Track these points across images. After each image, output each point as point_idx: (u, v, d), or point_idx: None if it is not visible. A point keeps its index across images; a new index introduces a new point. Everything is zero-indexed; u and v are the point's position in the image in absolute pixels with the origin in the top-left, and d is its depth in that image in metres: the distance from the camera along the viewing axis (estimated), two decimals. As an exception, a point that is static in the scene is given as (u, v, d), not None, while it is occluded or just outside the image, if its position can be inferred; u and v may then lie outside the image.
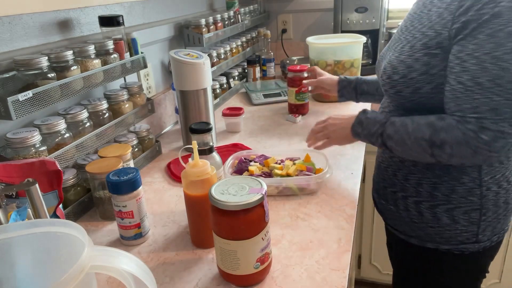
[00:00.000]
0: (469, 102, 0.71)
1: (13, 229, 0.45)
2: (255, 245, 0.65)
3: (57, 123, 0.86)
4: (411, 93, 0.81)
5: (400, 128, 0.81)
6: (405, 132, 0.79)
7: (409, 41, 0.82)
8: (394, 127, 0.82)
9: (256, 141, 1.29)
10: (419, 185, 0.86)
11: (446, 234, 0.86)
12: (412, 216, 0.89)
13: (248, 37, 1.99)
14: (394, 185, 0.91)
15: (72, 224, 0.43)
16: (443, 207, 0.84)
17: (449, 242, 0.87)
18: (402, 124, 0.81)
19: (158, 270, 0.73)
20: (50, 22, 0.95)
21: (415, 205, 0.87)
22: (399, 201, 0.90)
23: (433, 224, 0.86)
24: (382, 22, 1.92)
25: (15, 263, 0.46)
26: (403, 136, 0.80)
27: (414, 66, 0.79)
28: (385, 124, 0.84)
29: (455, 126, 0.73)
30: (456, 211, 0.84)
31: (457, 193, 0.83)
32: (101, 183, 0.87)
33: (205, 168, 0.73)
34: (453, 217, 0.84)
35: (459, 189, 0.83)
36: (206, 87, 1.19)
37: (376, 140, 0.86)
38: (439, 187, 0.84)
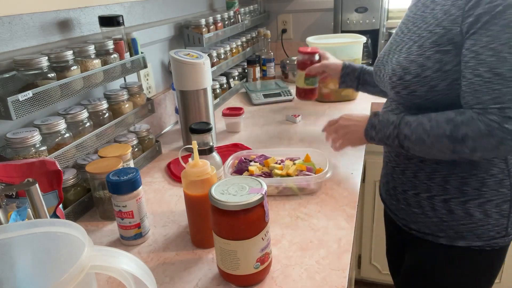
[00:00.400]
0: (489, 94, 0.71)
1: (13, 229, 0.45)
2: (255, 245, 0.65)
3: (57, 123, 0.86)
4: (426, 91, 0.80)
5: (417, 127, 0.79)
6: (423, 131, 0.78)
7: (415, 41, 0.81)
8: (410, 127, 0.80)
9: (256, 141, 1.29)
10: (446, 183, 0.84)
11: (479, 230, 0.84)
12: (441, 215, 0.86)
13: (248, 37, 1.99)
14: (415, 187, 0.89)
15: (72, 224, 0.43)
16: (475, 202, 0.83)
17: (481, 238, 0.85)
18: (418, 123, 0.79)
19: (158, 270, 0.73)
20: (50, 22, 0.95)
21: (444, 204, 0.85)
22: (424, 202, 0.88)
23: (465, 221, 0.84)
24: (382, 22, 1.93)
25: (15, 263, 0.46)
26: (421, 135, 0.78)
27: (427, 64, 0.78)
28: (400, 125, 0.82)
29: (476, 119, 0.72)
30: (489, 204, 0.82)
31: (488, 186, 0.82)
32: (101, 183, 0.87)
33: (205, 168, 0.73)
34: (485, 211, 0.82)
35: (489, 181, 0.81)
36: (206, 87, 1.19)
37: (393, 142, 0.84)
38: (468, 181, 0.82)
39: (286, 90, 1.73)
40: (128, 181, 0.76)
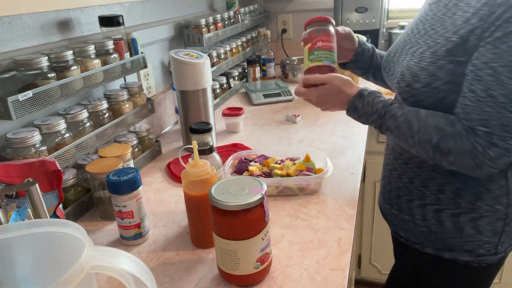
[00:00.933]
0: (479, 113, 0.68)
1: (13, 229, 0.45)
2: (255, 245, 0.65)
3: (57, 123, 0.86)
4: (434, 102, 0.75)
5: (403, 124, 0.75)
6: (408, 130, 0.74)
7: (430, 46, 0.75)
8: (395, 121, 0.76)
9: (256, 141, 1.29)
10: (440, 192, 0.80)
11: (468, 245, 0.80)
12: (431, 225, 0.83)
13: (248, 37, 1.99)
14: (410, 193, 0.85)
15: (72, 224, 0.43)
16: (467, 216, 0.79)
17: (469, 254, 0.81)
18: (405, 120, 0.75)
19: (158, 270, 0.73)
20: (50, 22, 0.95)
21: (435, 214, 0.82)
22: (415, 210, 0.85)
23: (455, 234, 0.80)
24: (382, 22, 1.93)
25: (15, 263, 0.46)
26: (405, 133, 0.75)
27: (438, 74, 0.72)
28: (385, 116, 0.78)
29: (465, 136, 0.69)
30: (481, 220, 0.78)
31: (483, 201, 0.77)
32: (101, 183, 0.87)
33: (205, 168, 0.73)
34: (477, 227, 0.79)
35: (485, 196, 0.77)
36: (206, 87, 1.19)
37: (371, 123, 0.81)
38: (463, 193, 0.78)
39: (286, 90, 1.73)
40: (128, 181, 0.76)
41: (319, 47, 0.88)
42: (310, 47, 0.89)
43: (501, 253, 0.82)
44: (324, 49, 0.88)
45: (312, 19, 0.91)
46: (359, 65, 1.01)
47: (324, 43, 0.88)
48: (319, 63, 0.88)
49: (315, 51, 0.88)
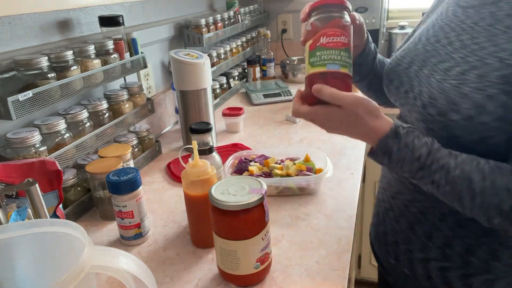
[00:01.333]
0: None
1: (13, 229, 0.45)
2: (255, 245, 0.65)
3: (57, 123, 0.86)
4: (474, 142, 0.57)
5: (460, 181, 0.55)
6: (468, 189, 0.55)
7: (474, 66, 0.56)
8: (448, 175, 0.55)
9: (256, 141, 1.29)
10: (447, 246, 0.65)
11: None
12: (436, 284, 0.68)
13: (248, 37, 1.99)
14: (410, 241, 0.69)
15: (72, 224, 0.43)
16: (481, 278, 0.64)
17: None
18: (463, 175, 0.55)
19: (158, 270, 0.73)
20: (50, 22, 0.95)
21: (441, 272, 0.67)
22: (417, 265, 0.69)
23: None
24: (382, 22, 1.93)
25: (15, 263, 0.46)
26: (462, 193, 0.55)
27: (487, 106, 0.54)
28: (431, 167, 0.56)
29: None
30: (498, 283, 0.63)
31: (500, 260, 0.62)
32: (101, 183, 0.87)
33: (205, 168, 0.73)
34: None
35: (503, 254, 0.62)
36: (206, 87, 1.19)
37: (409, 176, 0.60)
38: (476, 250, 0.63)
39: (286, 90, 1.73)
40: (128, 181, 0.76)
41: (323, 44, 0.61)
42: (311, 45, 0.62)
43: None
44: (330, 47, 0.61)
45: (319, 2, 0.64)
46: (362, 69, 0.79)
47: (331, 38, 0.61)
48: (321, 69, 0.62)
49: (318, 50, 0.62)
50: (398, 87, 0.68)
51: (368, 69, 0.80)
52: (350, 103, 0.58)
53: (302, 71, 1.94)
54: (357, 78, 0.82)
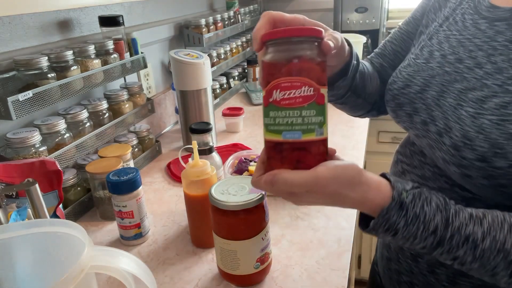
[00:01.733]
0: None
1: (13, 229, 0.45)
2: (255, 245, 0.65)
3: (57, 123, 0.86)
4: None
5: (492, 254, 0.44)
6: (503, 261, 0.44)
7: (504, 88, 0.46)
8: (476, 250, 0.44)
9: (256, 141, 1.29)
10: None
11: None
12: None
13: (248, 37, 1.99)
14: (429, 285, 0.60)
15: (72, 224, 0.43)
16: None
17: None
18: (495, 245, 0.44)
19: (158, 270, 0.73)
20: (50, 22, 0.95)
21: None
22: None
23: None
24: (382, 22, 1.93)
25: (15, 263, 0.46)
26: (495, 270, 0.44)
27: None
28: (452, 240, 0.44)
29: None
30: None
31: None
32: (101, 183, 0.87)
33: (205, 168, 0.73)
34: None
35: None
36: (206, 87, 1.19)
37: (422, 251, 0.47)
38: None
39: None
40: (128, 181, 0.76)
41: (277, 102, 0.44)
42: (264, 98, 0.45)
43: None
44: (285, 106, 0.43)
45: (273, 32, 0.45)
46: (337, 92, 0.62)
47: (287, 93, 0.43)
48: (276, 138, 0.45)
49: (271, 109, 0.44)
50: (411, 115, 0.57)
51: (345, 91, 0.62)
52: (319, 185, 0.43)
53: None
54: (333, 98, 0.65)
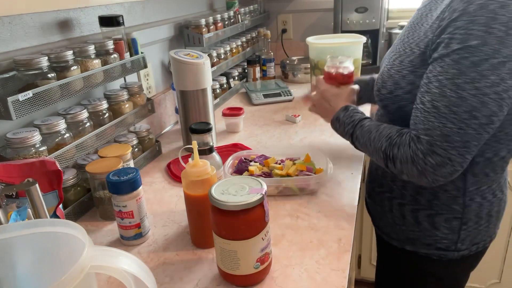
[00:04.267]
0: (424, 123, 0.70)
1: (13, 229, 0.45)
2: (255, 245, 0.65)
3: (57, 123, 0.86)
4: (396, 109, 0.81)
5: (366, 133, 0.83)
6: (367, 139, 0.82)
7: (400, 54, 0.80)
8: (362, 131, 0.85)
9: (256, 141, 1.29)
10: (403, 188, 0.86)
11: (426, 239, 0.86)
12: (395, 218, 0.89)
13: (248, 37, 1.99)
14: (382, 185, 0.91)
15: (72, 224, 0.43)
16: (425, 212, 0.84)
17: (428, 248, 0.86)
18: (368, 130, 0.83)
19: (158, 270, 0.73)
20: (50, 22, 0.95)
21: (399, 207, 0.88)
22: (385, 202, 0.91)
23: (414, 228, 0.86)
24: (382, 22, 1.92)
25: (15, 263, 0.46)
26: (366, 142, 0.83)
27: (400, 83, 0.78)
28: (356, 126, 0.86)
29: (408, 144, 0.73)
30: (437, 217, 0.83)
31: (439, 200, 0.82)
32: (101, 183, 0.87)
33: (205, 168, 0.73)
34: (433, 223, 0.84)
35: (442, 196, 0.82)
36: (206, 87, 1.19)
37: (349, 139, 0.90)
38: (422, 192, 0.83)
39: (286, 90, 1.73)
40: (128, 181, 0.76)
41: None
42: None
43: (463, 250, 0.85)
44: None
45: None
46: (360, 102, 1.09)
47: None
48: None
49: None
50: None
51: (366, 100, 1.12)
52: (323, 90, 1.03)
53: (302, 71, 1.95)
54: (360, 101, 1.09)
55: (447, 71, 0.68)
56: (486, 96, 0.65)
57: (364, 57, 1.92)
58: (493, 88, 0.65)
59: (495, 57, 0.64)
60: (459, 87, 0.66)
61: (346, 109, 0.92)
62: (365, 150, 0.85)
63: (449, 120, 0.68)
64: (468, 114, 0.66)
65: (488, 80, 0.65)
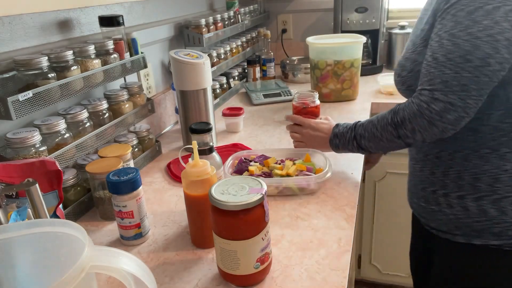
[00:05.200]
0: (426, 76, 0.76)
1: (13, 229, 0.45)
2: (255, 245, 0.65)
3: (57, 123, 0.86)
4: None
5: (368, 125, 0.89)
6: (372, 126, 0.88)
7: (411, 40, 0.87)
8: (363, 126, 0.90)
9: (256, 141, 1.29)
10: (460, 179, 0.83)
11: (495, 228, 0.81)
12: (457, 212, 0.84)
13: (248, 37, 1.99)
14: (433, 183, 0.88)
15: (72, 224, 0.43)
16: (489, 198, 0.80)
17: (498, 237, 0.81)
18: (368, 121, 0.90)
19: (158, 270, 0.73)
20: (50, 22, 0.95)
21: (459, 200, 0.84)
22: (440, 199, 0.87)
23: (480, 218, 0.82)
24: (382, 22, 1.93)
25: (15, 263, 0.46)
26: (372, 130, 0.87)
27: (418, 59, 0.82)
28: (355, 128, 0.92)
29: (411, 101, 0.79)
30: (504, 201, 0.80)
31: (501, 182, 0.79)
32: (101, 183, 0.87)
33: (205, 168, 0.73)
34: (500, 208, 0.80)
35: (503, 177, 0.79)
36: (206, 87, 1.19)
37: (352, 145, 0.93)
38: (481, 177, 0.81)
39: (286, 90, 1.73)
40: (128, 181, 0.76)
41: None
42: None
43: None
44: None
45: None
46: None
47: None
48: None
49: None
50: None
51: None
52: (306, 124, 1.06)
53: (302, 71, 1.95)
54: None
55: (446, 25, 0.74)
56: (479, 39, 0.70)
57: (364, 57, 1.92)
58: (485, 31, 0.70)
59: (489, 3, 0.69)
60: (454, 35, 0.72)
61: (337, 125, 0.99)
62: (373, 140, 0.88)
63: (446, 67, 0.73)
64: (462, 58, 0.71)
65: (481, 25, 0.70)
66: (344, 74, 1.59)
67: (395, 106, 0.84)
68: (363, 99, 1.64)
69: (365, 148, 0.91)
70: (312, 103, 1.15)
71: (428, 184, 0.90)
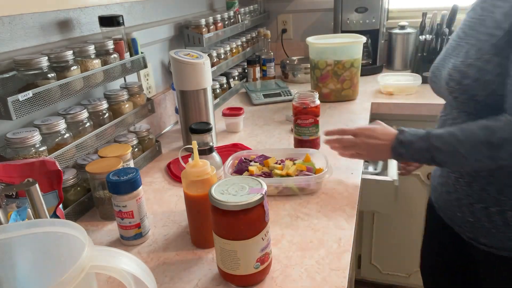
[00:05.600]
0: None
1: (13, 229, 0.45)
2: (255, 245, 0.65)
3: (57, 123, 0.86)
4: (487, 95, 0.77)
5: (450, 138, 0.78)
6: (456, 141, 0.77)
7: (473, 44, 0.79)
8: (442, 139, 0.79)
9: (256, 141, 1.29)
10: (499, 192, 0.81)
11: None
12: (498, 227, 0.82)
13: (248, 37, 1.99)
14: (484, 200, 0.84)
15: (72, 224, 0.43)
16: None
17: None
18: (450, 134, 0.78)
19: (158, 270, 0.73)
20: (50, 22, 0.95)
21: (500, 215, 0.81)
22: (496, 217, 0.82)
23: None
24: (382, 22, 1.93)
25: (15, 263, 0.46)
26: (455, 146, 0.77)
27: (486, 67, 0.76)
28: (430, 139, 0.80)
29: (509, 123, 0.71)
30: None
31: None
32: (101, 183, 0.87)
33: (205, 168, 0.73)
34: None
35: None
36: (206, 87, 1.19)
37: (423, 156, 0.83)
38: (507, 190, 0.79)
39: (286, 90, 1.73)
40: (128, 181, 0.76)
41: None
42: None
43: None
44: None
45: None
46: None
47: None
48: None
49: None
50: (435, 81, 0.91)
51: None
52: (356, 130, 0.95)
53: (302, 71, 1.95)
54: None
55: None
56: None
57: (364, 57, 1.92)
58: None
59: None
60: None
61: (402, 132, 0.86)
62: (453, 157, 0.78)
63: None
64: None
65: None
66: (344, 74, 1.59)
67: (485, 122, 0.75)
68: (363, 99, 1.64)
69: (439, 163, 0.82)
70: (312, 103, 1.14)
71: (477, 199, 0.85)
